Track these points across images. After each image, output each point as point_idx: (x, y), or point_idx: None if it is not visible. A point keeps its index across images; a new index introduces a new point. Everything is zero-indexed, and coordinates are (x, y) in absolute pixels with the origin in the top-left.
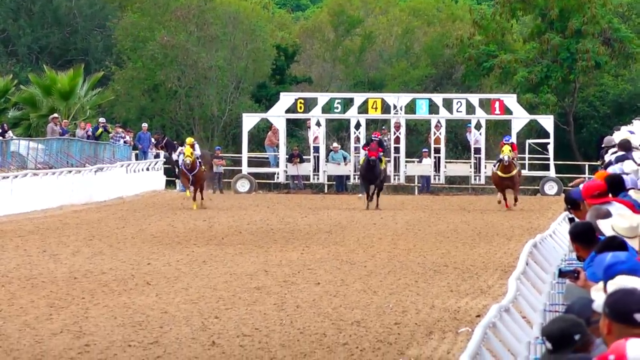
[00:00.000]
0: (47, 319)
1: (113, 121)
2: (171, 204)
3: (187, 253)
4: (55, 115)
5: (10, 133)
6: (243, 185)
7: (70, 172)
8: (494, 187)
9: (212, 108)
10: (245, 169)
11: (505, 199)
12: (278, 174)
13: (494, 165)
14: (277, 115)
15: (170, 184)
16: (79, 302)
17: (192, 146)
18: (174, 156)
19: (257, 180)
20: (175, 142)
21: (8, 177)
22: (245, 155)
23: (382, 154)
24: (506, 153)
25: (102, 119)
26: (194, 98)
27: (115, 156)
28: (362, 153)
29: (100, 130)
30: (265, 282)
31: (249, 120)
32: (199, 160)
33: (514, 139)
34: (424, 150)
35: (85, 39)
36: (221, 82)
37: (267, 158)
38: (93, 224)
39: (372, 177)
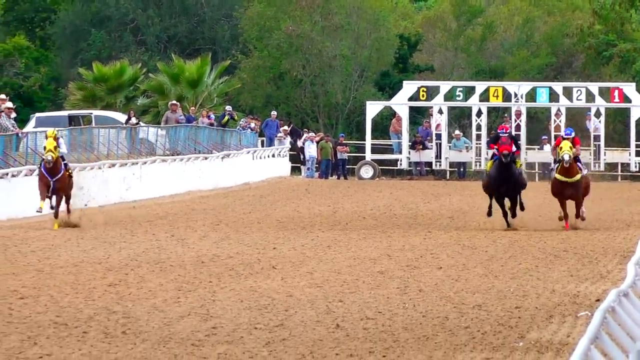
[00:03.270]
0: (175, 302)
1: (240, 109)
2: (296, 189)
3: (312, 238)
4: (174, 102)
5: (133, 120)
6: (367, 172)
7: (197, 158)
8: (557, 195)
9: (337, 96)
10: (368, 155)
11: (566, 215)
12: (401, 160)
13: (554, 169)
14: (400, 103)
15: (295, 170)
16: (206, 286)
17: (56, 139)
18: (299, 143)
19: (380, 167)
20: (300, 129)
21: (137, 164)
22: (368, 142)
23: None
24: (565, 150)
25: (228, 107)
26: (318, 86)
27: (241, 143)
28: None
29: (227, 117)
30: (388, 267)
31: (373, 108)
32: (65, 162)
33: (632, 127)
34: (543, 137)
35: (213, 28)
36: (345, 70)
37: (390, 145)
38: (220, 210)
39: (506, 185)
